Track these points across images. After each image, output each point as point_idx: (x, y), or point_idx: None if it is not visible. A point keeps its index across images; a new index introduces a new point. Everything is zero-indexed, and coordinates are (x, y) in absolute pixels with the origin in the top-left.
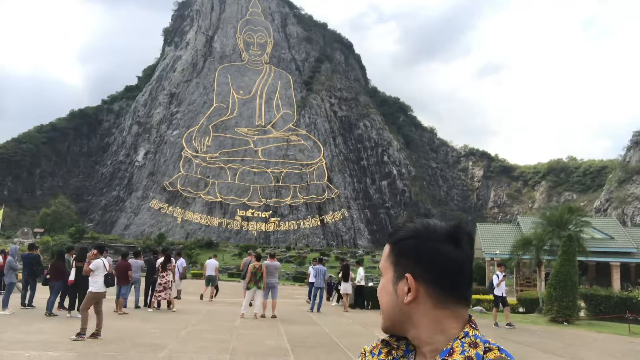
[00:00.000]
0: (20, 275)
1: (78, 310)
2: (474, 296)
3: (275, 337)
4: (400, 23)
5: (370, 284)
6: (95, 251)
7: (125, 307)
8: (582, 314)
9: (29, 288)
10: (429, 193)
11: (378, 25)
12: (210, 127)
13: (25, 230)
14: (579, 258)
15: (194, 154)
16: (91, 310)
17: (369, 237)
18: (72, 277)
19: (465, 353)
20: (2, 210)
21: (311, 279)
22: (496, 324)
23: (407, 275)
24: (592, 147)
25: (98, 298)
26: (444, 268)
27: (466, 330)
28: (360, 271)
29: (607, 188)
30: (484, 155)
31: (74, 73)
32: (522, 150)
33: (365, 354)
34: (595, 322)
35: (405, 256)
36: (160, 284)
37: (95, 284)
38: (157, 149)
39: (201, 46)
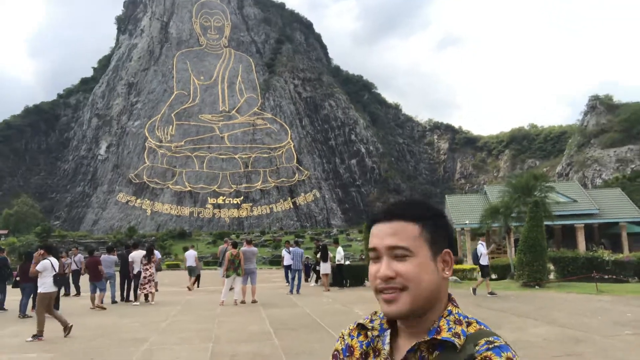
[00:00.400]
0: None
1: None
2: None
3: (257, 322)
4: (359, 0)
5: (348, 262)
6: (42, 251)
7: (102, 302)
8: (551, 276)
9: None
10: (398, 169)
11: (336, 3)
12: (172, 115)
13: None
14: (545, 223)
15: (158, 144)
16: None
17: (342, 217)
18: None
19: (452, 330)
20: None
21: (286, 262)
22: (491, 293)
23: (447, 250)
24: (553, 115)
25: (49, 298)
26: (454, 245)
27: (449, 308)
28: (340, 250)
29: (567, 153)
30: (448, 128)
31: (24, 68)
32: (485, 121)
33: (343, 337)
34: (565, 284)
35: (441, 233)
36: (145, 277)
37: (44, 285)
38: (120, 141)
39: (157, 33)
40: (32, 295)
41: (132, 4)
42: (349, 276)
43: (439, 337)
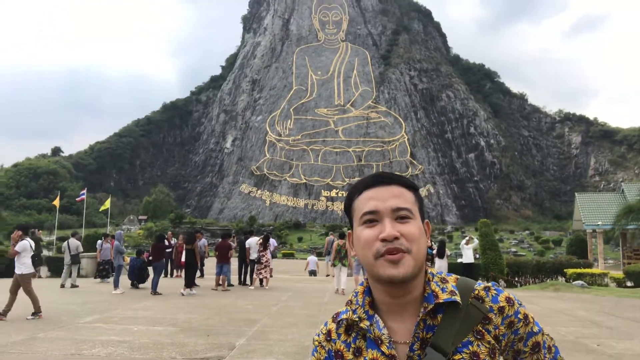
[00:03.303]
0: (127, 258)
1: (189, 287)
2: (573, 270)
3: None
4: None
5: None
6: (20, 232)
7: (230, 284)
8: None
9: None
10: (522, 164)
11: None
12: (291, 110)
13: (131, 217)
14: None
15: (278, 137)
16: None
17: (457, 213)
18: (182, 258)
19: (446, 290)
20: (110, 199)
21: None
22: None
23: (427, 221)
24: None
25: (29, 278)
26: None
27: (430, 271)
28: (475, 244)
29: None
30: (581, 120)
31: (167, 67)
32: (625, 111)
33: (322, 344)
34: None
35: (423, 204)
36: (262, 262)
37: (24, 265)
38: (244, 135)
39: (278, 30)
40: (161, 273)
41: (257, 3)
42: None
43: (441, 300)
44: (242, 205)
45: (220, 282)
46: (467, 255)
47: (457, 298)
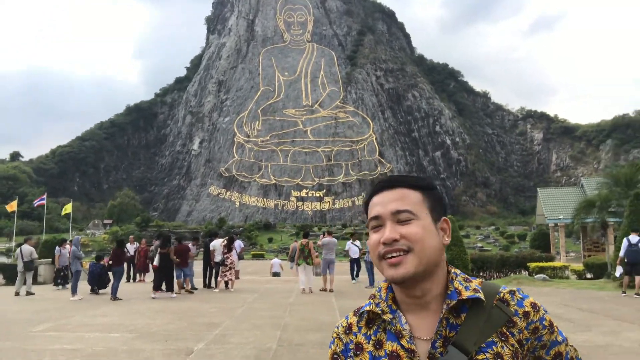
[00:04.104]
0: (85, 264)
1: (162, 290)
2: (536, 264)
3: (328, 312)
4: None
5: None
6: None
7: (194, 288)
8: None
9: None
10: (487, 160)
11: None
12: (259, 111)
13: (96, 222)
14: None
15: (246, 138)
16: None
17: None
18: (155, 262)
19: (470, 288)
20: (71, 204)
21: (355, 255)
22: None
23: (445, 218)
24: None
25: None
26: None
27: (454, 271)
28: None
29: None
30: (542, 117)
31: (130, 69)
32: (584, 108)
33: (340, 337)
34: None
35: (438, 203)
36: (226, 264)
37: None
38: (211, 136)
39: (243, 31)
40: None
41: (220, 4)
42: None
43: (464, 297)
44: (211, 207)
45: (184, 285)
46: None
47: (481, 295)
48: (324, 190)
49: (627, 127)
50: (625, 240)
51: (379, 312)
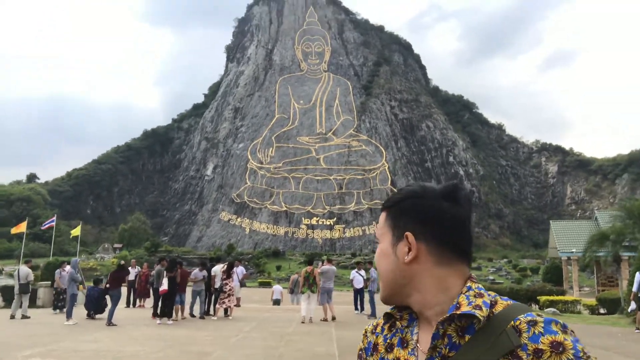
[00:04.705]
0: (81, 287)
1: (168, 317)
2: (546, 297)
3: (325, 344)
4: (462, 20)
5: None
6: None
7: (192, 315)
8: None
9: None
10: (500, 192)
11: (439, 23)
12: (273, 138)
13: (106, 246)
14: None
15: (259, 165)
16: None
17: None
18: (164, 286)
19: (473, 303)
20: (80, 226)
21: (358, 285)
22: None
23: (407, 233)
24: None
25: None
26: (445, 224)
27: (468, 284)
28: None
29: None
30: (557, 150)
31: (151, 96)
32: (600, 142)
33: (367, 334)
34: None
35: (404, 216)
36: (225, 291)
37: None
38: (225, 162)
39: (261, 60)
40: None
41: (241, 33)
42: None
43: (458, 312)
44: (221, 233)
45: (180, 312)
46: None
47: (479, 313)
48: (335, 219)
49: None
50: (638, 274)
51: (398, 317)
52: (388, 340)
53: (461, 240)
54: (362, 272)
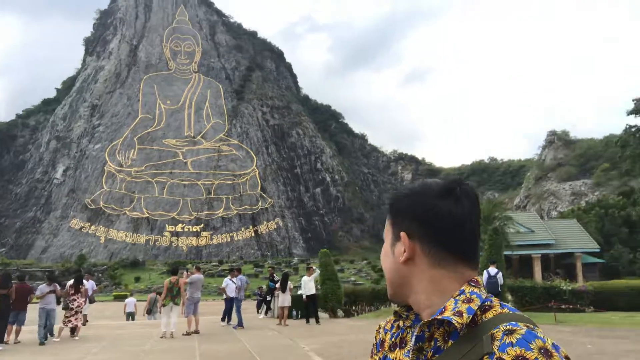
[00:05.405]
0: None
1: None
2: None
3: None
4: (333, 33)
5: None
6: None
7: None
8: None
9: None
10: (362, 198)
11: (311, 34)
12: (135, 139)
13: None
14: (504, 252)
15: (118, 168)
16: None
17: (303, 245)
18: None
19: (456, 309)
20: None
21: (232, 294)
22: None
23: (402, 233)
24: (512, 148)
25: None
26: (441, 224)
27: (462, 288)
28: (316, 274)
29: (525, 185)
30: (412, 160)
31: None
32: (448, 153)
33: (379, 331)
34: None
35: (401, 215)
36: (71, 308)
37: None
38: (78, 164)
39: (125, 55)
40: None
41: (102, 26)
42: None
43: (438, 317)
44: (71, 243)
45: (15, 334)
46: (309, 287)
47: (457, 319)
48: (202, 225)
49: (483, 171)
50: (485, 272)
51: (404, 316)
52: (393, 339)
53: (460, 241)
54: (241, 277)
